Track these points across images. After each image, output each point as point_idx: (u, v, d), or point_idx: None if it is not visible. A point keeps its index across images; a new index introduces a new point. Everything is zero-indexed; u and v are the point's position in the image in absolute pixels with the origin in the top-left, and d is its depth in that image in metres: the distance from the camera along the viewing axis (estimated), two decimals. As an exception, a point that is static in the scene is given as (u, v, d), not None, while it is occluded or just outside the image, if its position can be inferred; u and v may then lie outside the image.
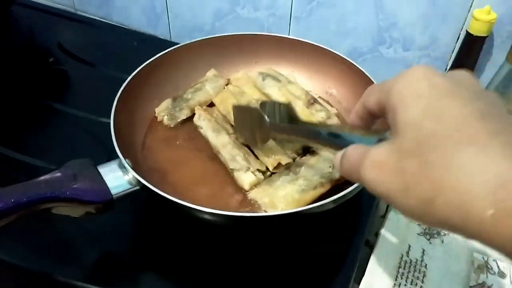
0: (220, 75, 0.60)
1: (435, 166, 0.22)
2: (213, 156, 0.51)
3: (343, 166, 0.29)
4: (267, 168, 0.48)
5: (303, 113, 0.53)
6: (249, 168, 0.47)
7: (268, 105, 0.43)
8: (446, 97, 0.24)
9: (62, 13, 0.83)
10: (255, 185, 0.47)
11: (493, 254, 0.47)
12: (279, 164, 0.48)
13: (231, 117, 0.53)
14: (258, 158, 0.49)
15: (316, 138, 0.38)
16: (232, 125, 0.53)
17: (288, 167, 0.49)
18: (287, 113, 0.42)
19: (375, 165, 0.25)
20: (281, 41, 0.61)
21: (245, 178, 0.47)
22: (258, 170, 0.47)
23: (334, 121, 0.54)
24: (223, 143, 0.50)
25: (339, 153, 0.31)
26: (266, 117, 0.43)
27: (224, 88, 0.59)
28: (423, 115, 0.24)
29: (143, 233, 0.48)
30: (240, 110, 0.49)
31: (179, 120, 0.55)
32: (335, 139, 0.35)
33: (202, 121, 0.53)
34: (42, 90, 0.65)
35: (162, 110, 0.55)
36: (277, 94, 0.56)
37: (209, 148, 0.52)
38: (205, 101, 0.58)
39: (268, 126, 0.43)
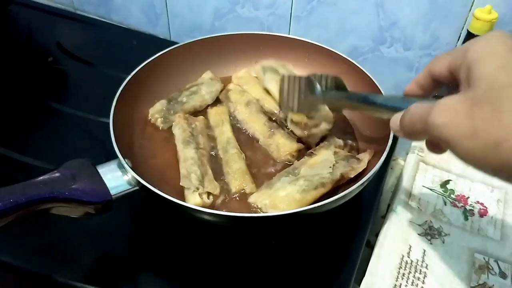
0: (216, 78, 0.60)
1: (507, 112, 0.24)
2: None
3: (404, 121, 0.32)
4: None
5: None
6: (197, 189, 0.45)
7: (317, 76, 0.46)
8: None
9: (61, 12, 0.82)
10: (200, 207, 0.44)
11: (494, 254, 0.47)
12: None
13: (219, 130, 0.53)
14: (220, 180, 0.48)
15: (370, 103, 0.41)
16: (208, 138, 0.52)
17: (286, 169, 0.48)
18: (335, 84, 0.46)
19: (446, 109, 0.27)
20: (281, 41, 0.61)
21: (191, 198, 0.44)
22: (209, 193, 0.45)
23: (323, 127, 0.51)
24: (186, 157, 0.48)
25: (398, 114, 0.33)
26: (317, 85, 0.46)
27: (220, 92, 0.59)
28: (498, 69, 0.26)
29: (142, 233, 0.48)
30: (289, 80, 0.49)
31: (172, 124, 0.54)
32: (390, 104, 0.37)
33: (177, 130, 0.52)
34: (41, 89, 0.65)
35: (156, 112, 0.55)
36: (275, 88, 0.55)
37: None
38: (200, 105, 0.57)
39: (320, 93, 0.46)
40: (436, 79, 0.34)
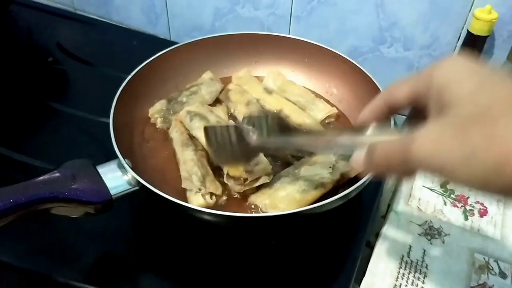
0: (216, 78, 0.60)
1: (505, 130, 0.22)
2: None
3: (375, 159, 0.29)
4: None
5: None
6: (200, 190, 0.44)
7: (253, 118, 0.39)
8: (494, 74, 0.25)
9: (61, 12, 0.82)
10: (204, 207, 0.42)
11: (494, 254, 0.47)
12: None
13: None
14: (220, 180, 0.47)
15: (316, 145, 0.37)
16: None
17: (286, 169, 0.48)
18: (277, 123, 0.39)
19: (431, 138, 0.25)
20: (281, 41, 0.61)
21: (194, 200, 0.44)
22: (211, 193, 0.45)
23: (262, 182, 0.46)
24: (185, 159, 0.48)
25: (359, 153, 0.31)
26: (252, 134, 0.39)
27: (220, 92, 0.59)
28: (481, 87, 0.24)
29: (142, 233, 0.48)
30: (215, 131, 0.41)
31: (172, 124, 0.54)
32: (347, 144, 0.34)
33: (175, 133, 0.52)
34: (41, 89, 0.65)
35: (156, 112, 0.55)
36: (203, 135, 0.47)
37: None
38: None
39: (256, 142, 0.39)
40: (393, 107, 0.32)
